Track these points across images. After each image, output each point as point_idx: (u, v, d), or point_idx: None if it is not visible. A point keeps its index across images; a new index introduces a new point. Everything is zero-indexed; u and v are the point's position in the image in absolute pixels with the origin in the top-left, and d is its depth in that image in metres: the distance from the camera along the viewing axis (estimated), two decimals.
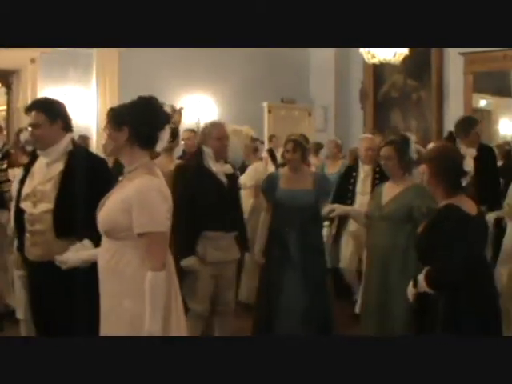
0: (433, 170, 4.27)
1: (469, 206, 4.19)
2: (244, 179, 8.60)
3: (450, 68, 13.60)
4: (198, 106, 13.77)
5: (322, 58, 15.07)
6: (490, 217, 6.12)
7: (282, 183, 6.39)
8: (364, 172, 7.76)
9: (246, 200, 8.54)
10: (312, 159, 9.63)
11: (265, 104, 14.50)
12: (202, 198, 5.71)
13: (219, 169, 5.90)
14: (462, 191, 4.23)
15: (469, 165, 4.29)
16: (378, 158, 6.21)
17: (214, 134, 5.90)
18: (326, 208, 6.02)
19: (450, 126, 12.70)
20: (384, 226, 5.52)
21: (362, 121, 15.32)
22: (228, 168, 6.04)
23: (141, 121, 3.71)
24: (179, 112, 11.78)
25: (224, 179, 5.89)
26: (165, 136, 3.77)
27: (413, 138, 5.74)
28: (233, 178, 6.13)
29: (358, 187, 7.71)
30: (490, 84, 13.15)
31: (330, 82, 15.29)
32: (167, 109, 3.85)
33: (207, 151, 5.87)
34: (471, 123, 7.40)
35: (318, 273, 6.38)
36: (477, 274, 4.10)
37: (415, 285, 4.26)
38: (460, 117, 8.09)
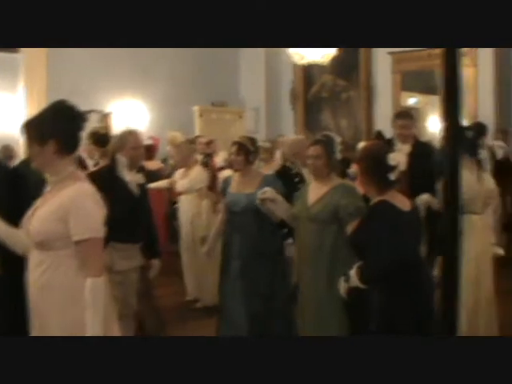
0: (362, 169, 4.39)
1: (401, 202, 4.31)
2: (190, 183, 8.79)
3: (378, 67, 13.78)
4: (128, 111, 13.66)
5: (251, 60, 15.13)
6: (420, 203, 6.17)
7: (231, 187, 6.37)
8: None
9: (197, 202, 8.88)
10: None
11: (195, 108, 14.47)
12: (113, 208, 5.59)
13: (132, 178, 5.83)
14: (393, 187, 4.33)
15: (394, 159, 4.37)
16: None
17: (130, 142, 5.83)
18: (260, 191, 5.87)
19: (379, 124, 12.93)
20: (311, 226, 5.42)
21: (293, 121, 15.41)
22: (140, 178, 5.95)
23: (65, 129, 3.64)
24: (108, 117, 11.70)
25: (136, 190, 5.82)
26: (83, 135, 3.75)
27: (337, 138, 5.73)
28: (143, 188, 6.02)
29: None
30: (417, 82, 13.35)
31: (261, 84, 15.35)
32: (82, 110, 3.79)
33: (121, 160, 5.80)
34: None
35: (265, 280, 6.15)
36: (410, 268, 4.17)
37: (347, 280, 4.35)
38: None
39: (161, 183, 9.56)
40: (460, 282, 2.29)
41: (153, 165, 11.02)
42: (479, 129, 8.88)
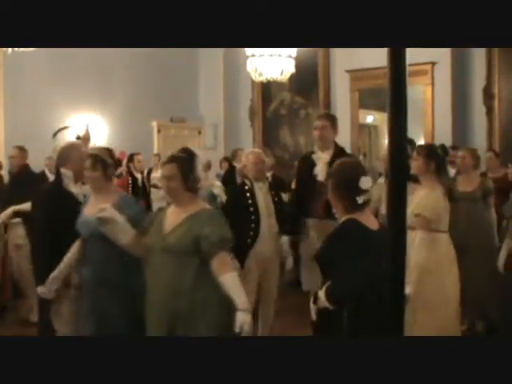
0: (333, 185, 4.24)
1: (369, 221, 4.18)
2: None
3: (336, 85, 13.86)
4: (86, 126, 13.56)
5: (210, 77, 15.17)
6: None
7: (86, 208, 5.40)
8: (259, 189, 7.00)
9: None
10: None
11: (154, 123, 14.43)
12: (62, 221, 5.55)
13: (79, 190, 5.78)
14: (361, 210, 4.15)
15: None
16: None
17: (74, 156, 5.78)
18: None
19: (338, 141, 12.99)
20: (167, 259, 4.64)
21: (252, 138, 15.43)
22: (86, 189, 5.89)
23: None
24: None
25: (84, 201, 5.77)
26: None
27: (198, 152, 4.95)
28: None
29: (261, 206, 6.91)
30: (374, 100, 13.44)
31: (219, 100, 15.36)
32: None
33: (66, 173, 5.75)
34: None
35: (114, 312, 5.21)
36: (379, 288, 4.14)
37: (315, 301, 4.15)
38: None
39: None
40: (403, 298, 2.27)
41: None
42: (444, 149, 9.00)
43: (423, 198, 6.08)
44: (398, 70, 1.63)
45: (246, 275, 6.60)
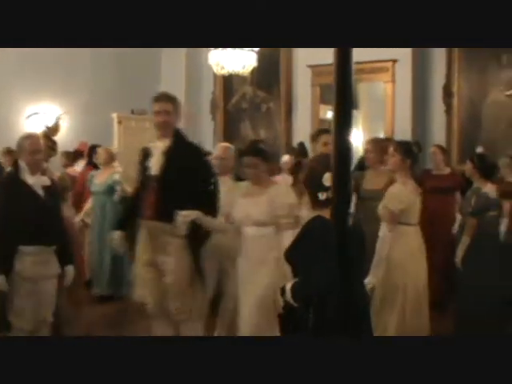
0: (303, 179, 4.27)
1: None
2: None
3: (298, 80, 13.87)
4: (46, 117, 13.44)
5: (172, 69, 15.09)
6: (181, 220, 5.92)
7: None
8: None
9: None
10: None
11: (114, 115, 14.33)
12: (17, 212, 5.57)
13: (36, 181, 5.75)
14: (326, 206, 4.08)
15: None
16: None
17: (27, 147, 5.75)
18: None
19: (298, 136, 13.02)
20: None
21: (213, 131, 15.40)
22: (45, 180, 5.87)
23: None
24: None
25: (41, 192, 5.75)
26: None
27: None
28: (50, 190, 5.94)
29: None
30: None
31: (181, 93, 15.25)
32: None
33: (22, 165, 5.72)
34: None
35: None
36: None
37: (283, 293, 4.16)
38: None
39: None
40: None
41: (73, 170, 11.02)
42: (418, 146, 9.11)
43: (393, 193, 6.18)
44: (344, 68, 1.65)
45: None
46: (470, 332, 6.59)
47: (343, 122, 1.63)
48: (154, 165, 5.87)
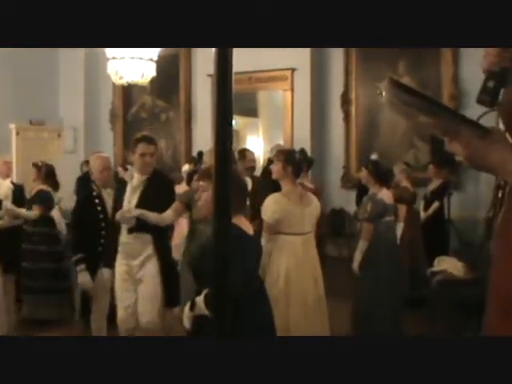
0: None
1: (246, 225, 4.27)
2: None
3: (197, 89, 13.90)
4: None
5: (71, 78, 14.91)
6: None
7: None
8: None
9: None
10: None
11: (12, 126, 14.05)
12: None
13: None
14: (242, 212, 4.26)
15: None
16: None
17: None
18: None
19: (198, 145, 13.03)
20: None
21: (112, 141, 15.29)
22: None
23: None
24: None
25: None
26: None
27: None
28: None
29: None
30: (237, 105, 13.47)
31: (80, 103, 15.12)
32: None
33: None
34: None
35: None
36: (255, 291, 4.19)
37: (192, 307, 4.15)
38: None
39: None
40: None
41: None
42: (304, 154, 9.19)
43: (267, 203, 6.14)
44: (223, 71, 1.68)
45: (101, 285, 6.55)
46: (368, 333, 6.73)
47: (223, 127, 1.66)
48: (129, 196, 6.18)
